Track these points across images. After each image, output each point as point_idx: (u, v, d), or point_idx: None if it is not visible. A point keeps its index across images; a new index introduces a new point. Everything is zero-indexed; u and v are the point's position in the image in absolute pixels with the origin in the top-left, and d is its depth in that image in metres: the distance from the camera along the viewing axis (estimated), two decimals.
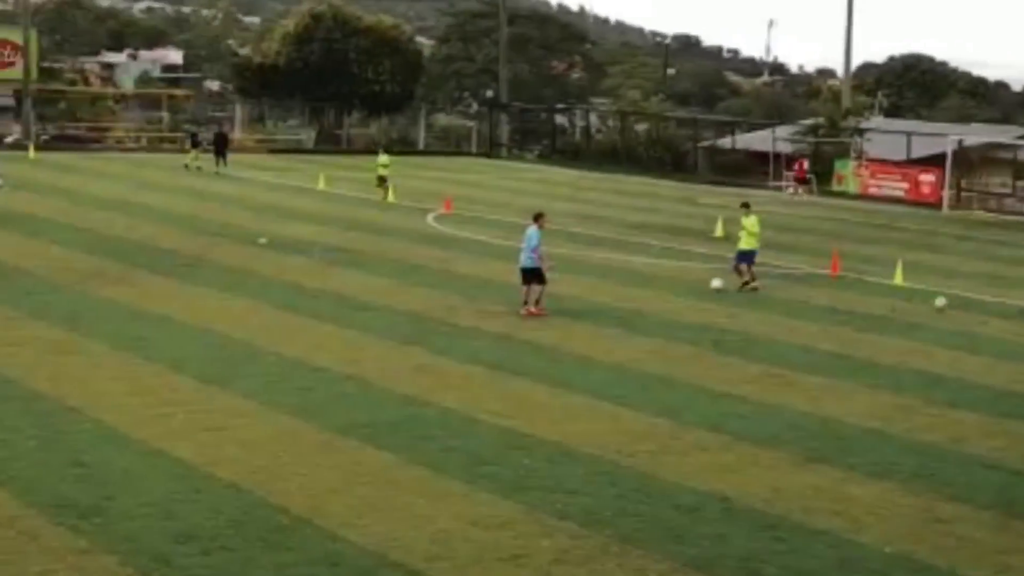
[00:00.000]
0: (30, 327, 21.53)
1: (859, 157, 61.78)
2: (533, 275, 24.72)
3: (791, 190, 59.21)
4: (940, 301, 27.89)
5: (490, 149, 78.53)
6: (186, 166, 54.96)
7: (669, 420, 17.41)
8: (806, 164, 60.78)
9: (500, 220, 41.10)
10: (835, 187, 60.34)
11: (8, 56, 70.40)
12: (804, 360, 21.93)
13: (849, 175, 60.72)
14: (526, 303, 24.57)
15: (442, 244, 34.88)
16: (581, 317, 24.90)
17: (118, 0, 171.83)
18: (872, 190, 58.98)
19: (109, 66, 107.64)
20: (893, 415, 18.33)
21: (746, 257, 29.14)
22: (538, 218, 25.52)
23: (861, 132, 63.52)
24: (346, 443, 15.58)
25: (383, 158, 47.56)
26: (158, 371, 18.80)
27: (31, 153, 58.63)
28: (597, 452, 15.69)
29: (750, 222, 29.32)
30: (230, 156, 56.17)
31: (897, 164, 60.35)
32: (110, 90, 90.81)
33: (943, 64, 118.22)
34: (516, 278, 28.56)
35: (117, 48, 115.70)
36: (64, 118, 72.67)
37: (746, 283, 28.82)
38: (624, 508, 13.65)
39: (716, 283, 28.73)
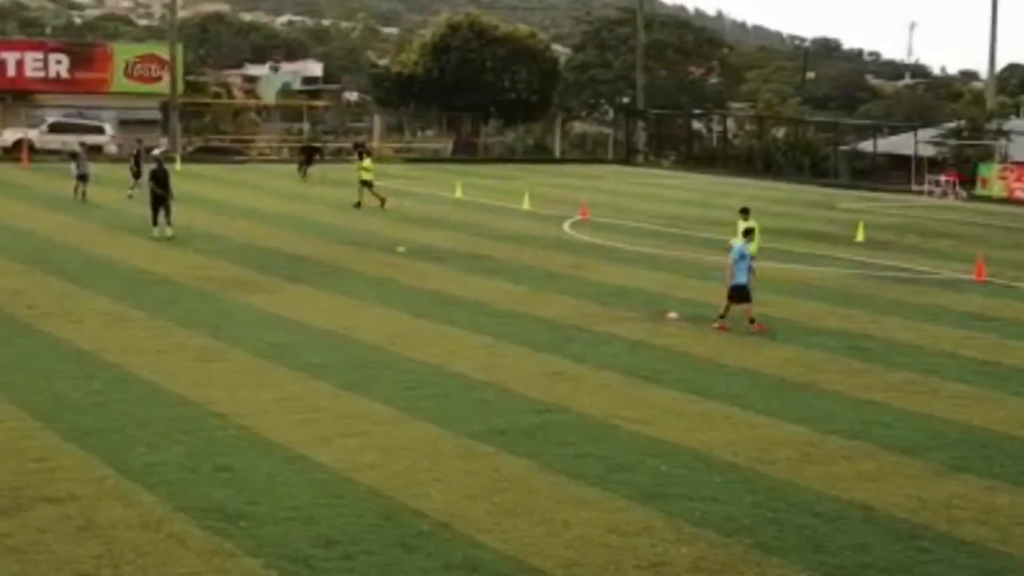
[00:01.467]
0: (176, 335, 22.08)
1: (1003, 160, 60.34)
2: (742, 292, 23.82)
3: (941, 192, 58.19)
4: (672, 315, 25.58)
5: (627, 156, 78.40)
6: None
7: (808, 428, 17.19)
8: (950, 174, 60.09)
9: (636, 227, 41.03)
10: (979, 191, 59.02)
11: (155, 71, 72.40)
12: (948, 367, 21.48)
13: (993, 178, 59.34)
14: (753, 320, 23.77)
15: (578, 251, 34.91)
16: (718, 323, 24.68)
17: (260, 14, 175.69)
18: (1018, 193, 57.57)
19: (251, 79, 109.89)
20: None
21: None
22: (747, 233, 24.79)
23: (1005, 134, 62.04)
24: (483, 449, 15.68)
25: (366, 162, 45.98)
26: (299, 377, 19.13)
27: (178, 165, 60.16)
28: (735, 459, 15.56)
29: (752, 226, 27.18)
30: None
31: None
32: (252, 102, 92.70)
33: None
34: (652, 284, 28.56)
35: (259, 61, 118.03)
36: (208, 130, 74.45)
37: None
38: (763, 516, 13.52)
39: (672, 315, 25.47)
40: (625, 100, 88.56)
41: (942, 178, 59.66)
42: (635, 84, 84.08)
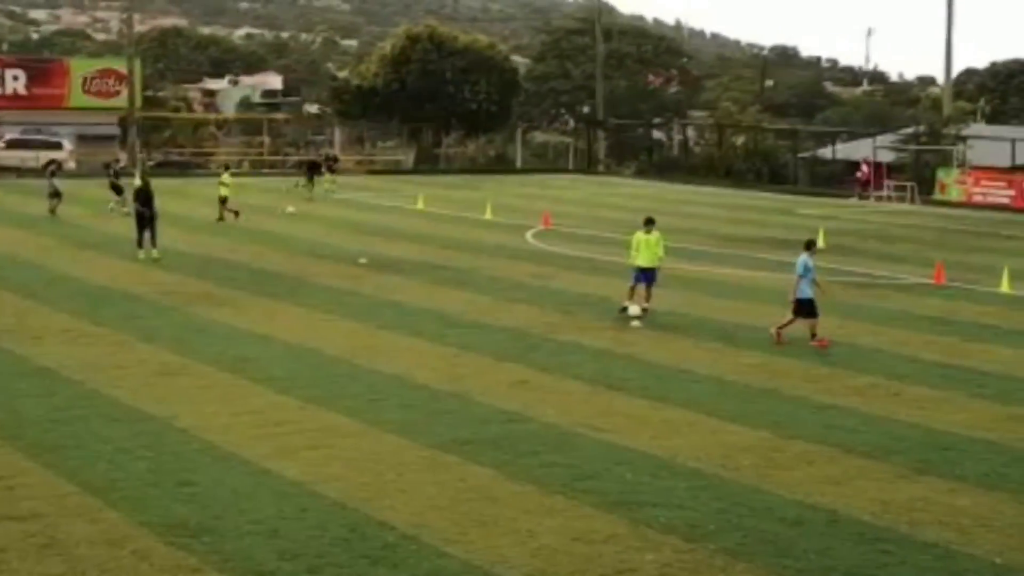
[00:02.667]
0: (137, 350, 21.96)
1: (961, 165, 60.84)
2: (807, 306, 23.59)
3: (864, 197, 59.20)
4: (634, 309, 25.95)
5: (588, 165, 78.58)
6: (327, 191, 55.53)
7: (773, 433, 17.27)
8: (865, 168, 61.04)
9: (598, 236, 41.12)
10: (938, 195, 59.49)
11: (113, 86, 72.08)
12: (911, 371, 21.62)
13: (952, 183, 59.82)
14: (814, 336, 23.42)
15: (541, 260, 34.96)
16: (681, 331, 24.80)
17: (218, 27, 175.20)
18: (976, 198, 58.05)
19: (211, 92, 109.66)
20: (1002, 425, 17.99)
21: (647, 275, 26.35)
22: (810, 246, 24.24)
23: (963, 139, 62.56)
24: (449, 459, 15.67)
25: (225, 176, 45.27)
26: (263, 391, 19.07)
27: (137, 180, 59.71)
28: (700, 466, 15.61)
29: (652, 238, 26.52)
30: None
31: (1001, 171, 59.32)
32: (212, 116, 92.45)
33: None
34: (615, 293, 28.59)
35: (218, 74, 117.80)
36: (168, 144, 74.14)
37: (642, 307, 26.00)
38: (728, 522, 13.56)
39: (635, 324, 25.23)
40: (585, 110, 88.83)
41: (861, 171, 60.93)
42: (595, 93, 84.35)
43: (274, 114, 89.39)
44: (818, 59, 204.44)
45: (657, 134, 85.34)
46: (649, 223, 26.84)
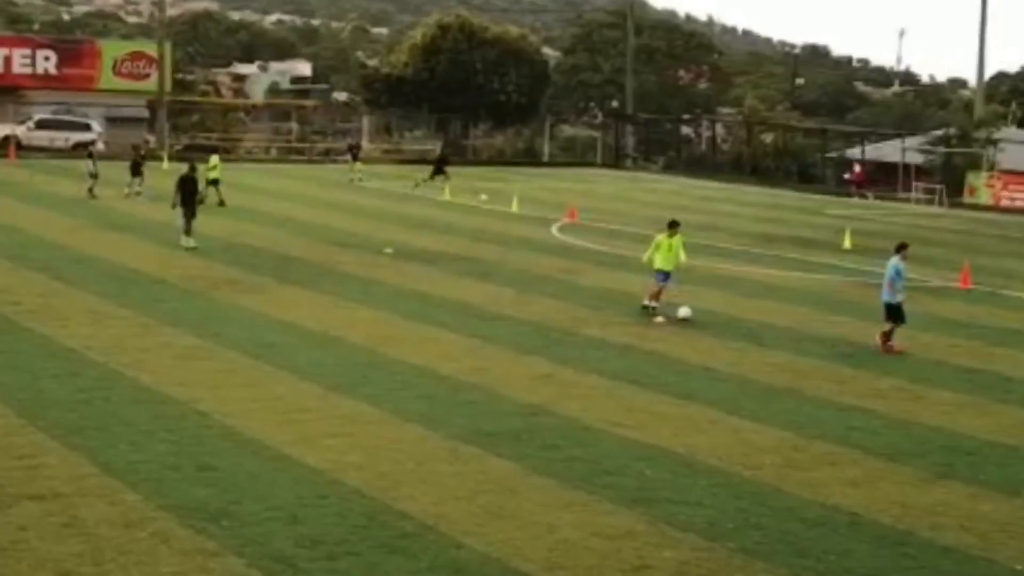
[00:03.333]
0: (162, 334, 22.02)
1: (991, 168, 60.49)
2: (895, 311, 23.14)
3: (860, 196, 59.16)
4: (683, 312, 25.65)
5: (615, 160, 78.43)
6: (351, 180, 55.53)
7: (795, 433, 17.20)
8: (858, 168, 61.25)
9: (625, 231, 41.05)
10: (967, 199, 59.16)
11: (143, 68, 72.27)
12: (936, 374, 21.52)
13: (981, 186, 59.47)
14: (887, 336, 23.07)
15: (566, 255, 34.91)
16: (706, 329, 24.73)
17: (249, 12, 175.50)
18: (1005, 202, 57.71)
19: (240, 78, 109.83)
20: None
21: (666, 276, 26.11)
22: (901, 248, 23.69)
23: (994, 143, 62.18)
24: (470, 451, 15.66)
25: (214, 159, 44.79)
26: (286, 378, 19.09)
27: (164, 163, 60.01)
28: (721, 464, 15.56)
29: (675, 242, 26.29)
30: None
31: None
32: (240, 101, 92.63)
33: None
34: (640, 289, 28.53)
35: (248, 60, 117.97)
36: (196, 129, 74.31)
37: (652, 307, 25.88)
38: (747, 521, 13.52)
39: (683, 312, 25.43)
40: (614, 104, 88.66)
41: (854, 171, 61.12)
42: (624, 88, 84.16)
43: (303, 101, 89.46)
44: (849, 59, 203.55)
45: (686, 130, 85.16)
46: (673, 226, 26.63)
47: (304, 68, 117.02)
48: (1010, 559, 12.76)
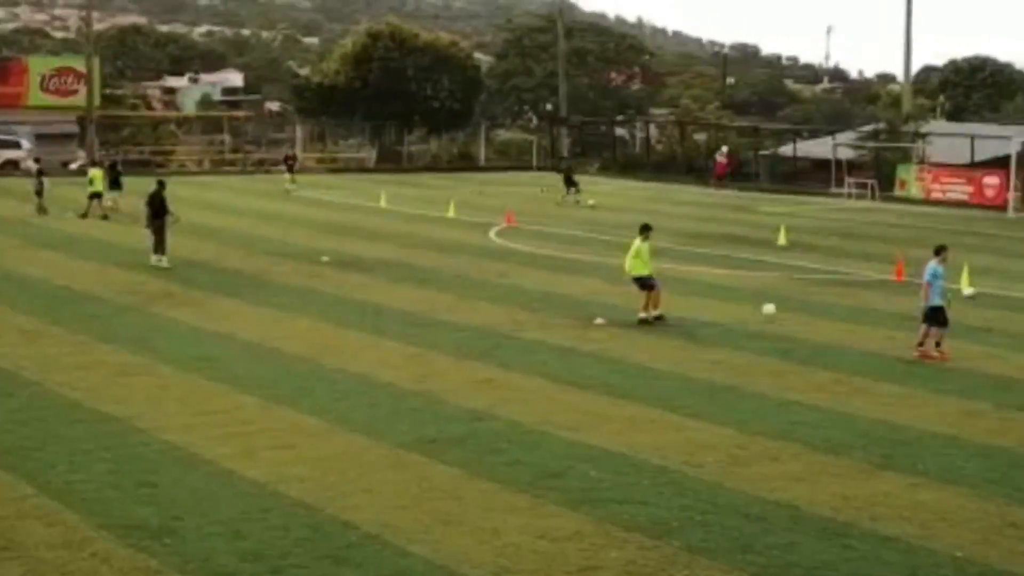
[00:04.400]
0: (98, 351, 21.78)
1: (921, 161, 61.18)
2: (937, 314, 22.54)
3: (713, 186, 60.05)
4: (768, 308, 26.40)
5: (551, 163, 78.52)
6: (287, 191, 55.12)
7: (736, 430, 17.30)
8: (720, 158, 61.96)
9: (562, 233, 41.13)
10: (898, 192, 59.80)
11: (71, 84, 71.44)
12: (873, 367, 21.73)
13: (911, 180, 60.14)
14: (921, 344, 22.52)
15: (505, 258, 34.92)
16: (646, 328, 24.82)
17: (178, 25, 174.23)
18: (935, 194, 58.37)
19: (171, 90, 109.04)
20: (963, 421, 18.11)
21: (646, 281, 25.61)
22: (940, 251, 22.97)
23: (923, 136, 62.90)
24: (413, 458, 15.61)
25: (93, 172, 44.38)
26: (225, 391, 18.95)
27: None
28: (664, 463, 15.62)
29: (647, 247, 25.92)
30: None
31: (961, 168, 59.69)
32: (172, 114, 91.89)
33: (1008, 65, 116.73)
34: (579, 290, 28.64)
35: (178, 72, 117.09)
36: (127, 143, 73.56)
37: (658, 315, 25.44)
38: (692, 519, 13.58)
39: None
40: (548, 107, 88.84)
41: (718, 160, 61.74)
42: (558, 91, 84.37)
43: (235, 112, 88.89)
44: (778, 57, 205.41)
45: (620, 131, 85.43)
46: (646, 229, 26.11)
47: (235, 79, 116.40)
48: (950, 547, 12.90)
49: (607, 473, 15.16)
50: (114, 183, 45.46)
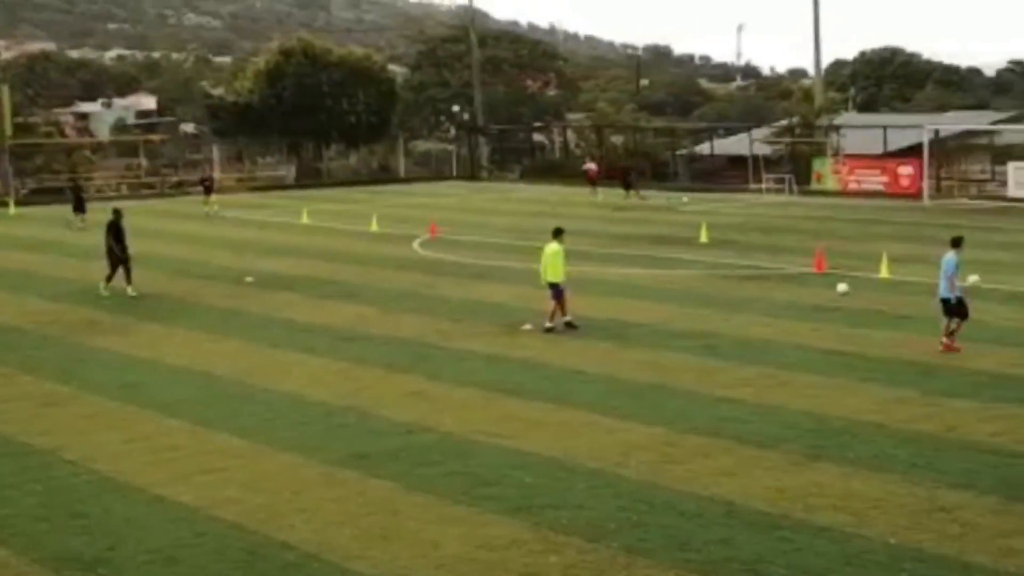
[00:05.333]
0: (21, 382, 21.48)
1: (836, 154, 61.98)
2: (955, 306, 22.43)
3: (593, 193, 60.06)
4: (842, 287, 28.41)
5: (471, 172, 78.64)
6: (206, 214, 54.56)
7: (668, 428, 17.43)
8: (591, 164, 62.38)
9: (486, 242, 41.18)
10: (815, 185, 60.53)
11: None
12: (799, 359, 21.98)
13: (827, 173, 60.91)
14: (951, 334, 22.41)
15: (429, 270, 34.89)
16: (573, 332, 24.90)
17: (88, 50, 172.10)
18: (852, 186, 59.17)
19: (84, 116, 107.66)
20: (889, 408, 18.37)
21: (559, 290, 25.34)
22: (957, 243, 22.78)
23: (836, 129, 63.72)
24: (347, 475, 15.56)
25: None
26: (153, 417, 18.76)
27: (11, 209, 58.61)
28: (598, 465, 15.70)
29: (560, 249, 25.57)
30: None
31: (875, 158, 60.57)
32: (86, 140, 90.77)
33: (916, 55, 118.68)
34: (505, 298, 28.68)
35: (91, 98, 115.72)
36: (42, 171, 72.58)
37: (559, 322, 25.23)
38: (628, 519, 13.66)
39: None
40: (465, 116, 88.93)
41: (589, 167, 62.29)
42: (474, 100, 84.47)
43: (150, 135, 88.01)
44: (691, 57, 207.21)
45: (538, 137, 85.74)
46: (558, 233, 25.98)
47: (149, 102, 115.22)
48: (883, 534, 13.08)
49: (542, 479, 15.21)
50: (78, 205, 48.21)
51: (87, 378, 21.64)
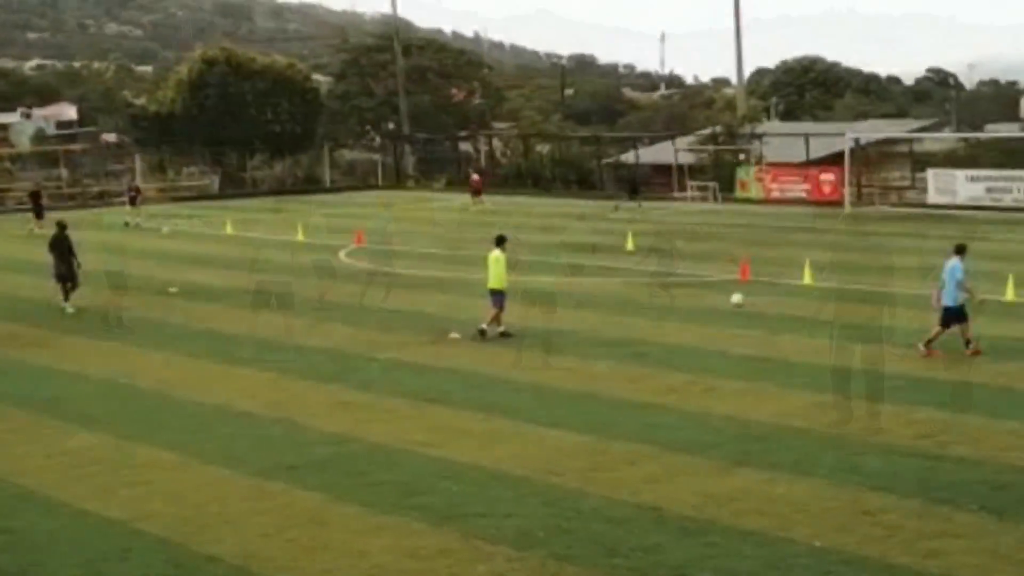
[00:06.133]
0: None
1: (759, 162, 62.59)
2: (955, 314, 22.44)
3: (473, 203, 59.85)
4: (736, 298, 28.50)
5: (397, 181, 78.50)
6: (126, 224, 53.95)
7: (595, 436, 17.52)
8: (475, 176, 62.68)
9: (412, 251, 41.13)
10: (739, 193, 61.07)
11: None
12: (723, 365, 22.18)
13: (751, 181, 61.47)
14: (969, 343, 22.38)
15: (356, 279, 34.77)
16: (501, 341, 24.96)
17: (7, 60, 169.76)
18: (775, 194, 59.74)
19: (3, 127, 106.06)
20: (811, 413, 18.60)
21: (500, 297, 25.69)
22: (961, 251, 22.70)
23: (759, 137, 64.35)
24: (274, 486, 15.49)
25: None
26: (76, 431, 18.56)
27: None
28: (526, 473, 15.75)
29: (502, 256, 25.88)
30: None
31: (797, 166, 61.22)
32: (5, 151, 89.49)
33: (836, 64, 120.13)
34: (432, 308, 28.67)
35: (9, 108, 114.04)
36: None
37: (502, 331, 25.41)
38: (557, 526, 13.72)
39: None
40: (391, 126, 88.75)
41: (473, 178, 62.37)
42: (399, 109, 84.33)
43: (71, 145, 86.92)
44: (615, 66, 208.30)
45: (464, 146, 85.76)
46: (501, 241, 26.18)
47: (70, 112, 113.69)
48: (808, 536, 13.25)
49: (470, 487, 15.24)
50: (37, 212, 49.74)
51: (8, 392, 21.35)
